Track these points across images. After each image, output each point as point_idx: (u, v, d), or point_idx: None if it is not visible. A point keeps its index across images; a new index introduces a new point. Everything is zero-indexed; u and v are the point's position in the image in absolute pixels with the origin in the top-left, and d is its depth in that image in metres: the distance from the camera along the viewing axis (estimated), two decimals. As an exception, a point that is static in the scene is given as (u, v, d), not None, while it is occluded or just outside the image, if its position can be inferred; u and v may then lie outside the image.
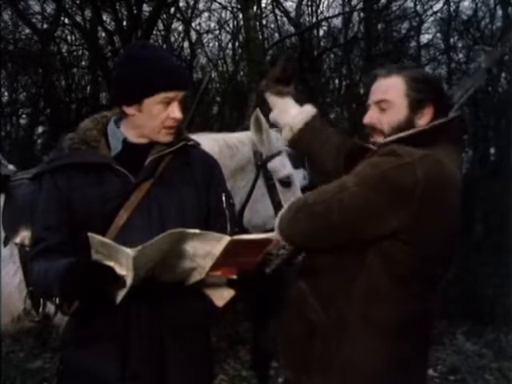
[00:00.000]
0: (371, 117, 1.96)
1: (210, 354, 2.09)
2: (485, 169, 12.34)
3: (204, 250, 1.74)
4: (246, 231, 3.17)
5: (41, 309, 2.73)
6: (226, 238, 1.72)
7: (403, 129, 1.90)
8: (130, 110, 1.93)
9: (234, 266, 1.82)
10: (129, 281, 1.66)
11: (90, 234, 1.70)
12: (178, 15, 12.72)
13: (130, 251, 1.60)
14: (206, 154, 2.15)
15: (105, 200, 1.91)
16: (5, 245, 2.80)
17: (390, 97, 1.92)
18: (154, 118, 1.91)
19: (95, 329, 1.89)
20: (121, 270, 1.67)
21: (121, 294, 1.71)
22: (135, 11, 10.17)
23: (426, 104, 1.92)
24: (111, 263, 1.68)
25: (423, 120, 1.92)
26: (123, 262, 1.65)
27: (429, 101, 1.92)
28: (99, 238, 1.70)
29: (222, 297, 1.91)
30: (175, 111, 1.91)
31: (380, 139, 1.94)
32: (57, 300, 1.73)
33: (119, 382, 1.86)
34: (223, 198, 2.06)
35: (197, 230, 1.71)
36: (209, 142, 2.86)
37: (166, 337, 1.91)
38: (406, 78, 1.92)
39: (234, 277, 1.83)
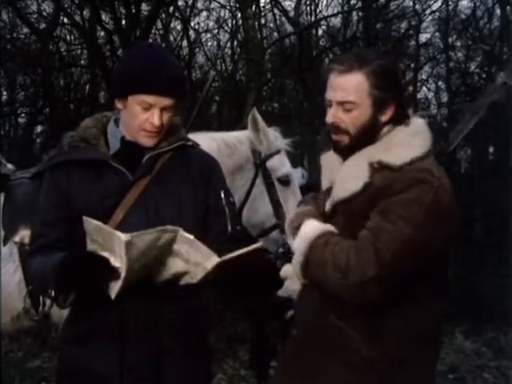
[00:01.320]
0: (334, 116, 1.90)
1: (208, 353, 2.09)
2: (484, 168, 12.34)
3: (196, 259, 1.74)
4: (245, 230, 3.18)
5: (40, 308, 2.73)
6: (215, 260, 1.70)
7: (367, 128, 1.89)
8: (118, 104, 1.94)
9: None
10: (123, 273, 1.66)
11: (85, 218, 1.70)
12: (177, 14, 12.74)
13: (122, 235, 1.61)
14: (205, 153, 2.15)
15: (103, 197, 1.91)
16: (4, 244, 2.80)
17: (354, 98, 1.87)
18: (134, 117, 1.90)
19: (93, 327, 1.89)
20: (115, 262, 1.67)
21: (115, 288, 1.71)
22: (134, 10, 10.18)
23: (389, 101, 1.90)
24: (105, 254, 1.69)
25: (385, 117, 1.91)
26: (117, 250, 1.65)
27: (391, 98, 1.90)
28: (95, 222, 1.71)
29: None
30: (155, 117, 1.88)
31: (344, 138, 1.92)
32: (52, 293, 1.73)
33: (117, 379, 1.86)
34: (222, 196, 2.06)
35: (191, 236, 1.72)
36: (207, 140, 2.86)
37: (162, 335, 1.90)
38: (368, 73, 1.86)
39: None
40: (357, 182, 1.87)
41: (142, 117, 1.89)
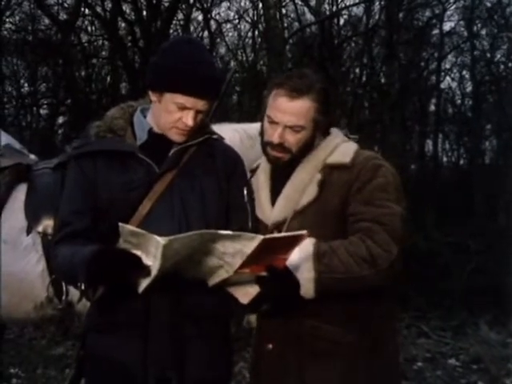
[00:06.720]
0: (282, 137, 2.05)
1: (229, 342, 2.08)
2: (508, 158, 12.18)
3: (234, 248, 1.72)
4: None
5: (64, 296, 2.75)
6: (259, 237, 1.70)
7: (308, 145, 2.09)
8: (152, 96, 1.94)
9: (263, 264, 1.80)
10: (154, 271, 1.67)
11: (120, 224, 1.70)
12: (198, 5, 12.72)
13: (160, 239, 1.60)
14: (229, 147, 2.15)
15: (129, 189, 1.91)
16: (27, 233, 2.82)
17: (303, 122, 2.04)
18: (168, 114, 1.91)
19: (117, 316, 1.90)
20: (147, 260, 1.67)
21: (144, 284, 1.71)
22: (155, 1, 10.20)
23: (327, 121, 2.11)
24: (138, 252, 1.69)
25: (321, 132, 2.11)
26: (151, 251, 1.65)
27: (329, 118, 2.12)
28: (129, 227, 1.70)
29: (246, 293, 1.87)
30: (188, 118, 1.89)
31: (285, 156, 2.08)
32: (82, 286, 1.73)
33: (140, 367, 1.87)
34: (245, 193, 2.06)
35: (229, 232, 1.71)
36: (229, 132, 2.84)
37: (186, 325, 1.91)
38: (314, 100, 2.03)
39: (264, 274, 1.81)
40: (311, 190, 2.05)
41: (176, 115, 1.90)
